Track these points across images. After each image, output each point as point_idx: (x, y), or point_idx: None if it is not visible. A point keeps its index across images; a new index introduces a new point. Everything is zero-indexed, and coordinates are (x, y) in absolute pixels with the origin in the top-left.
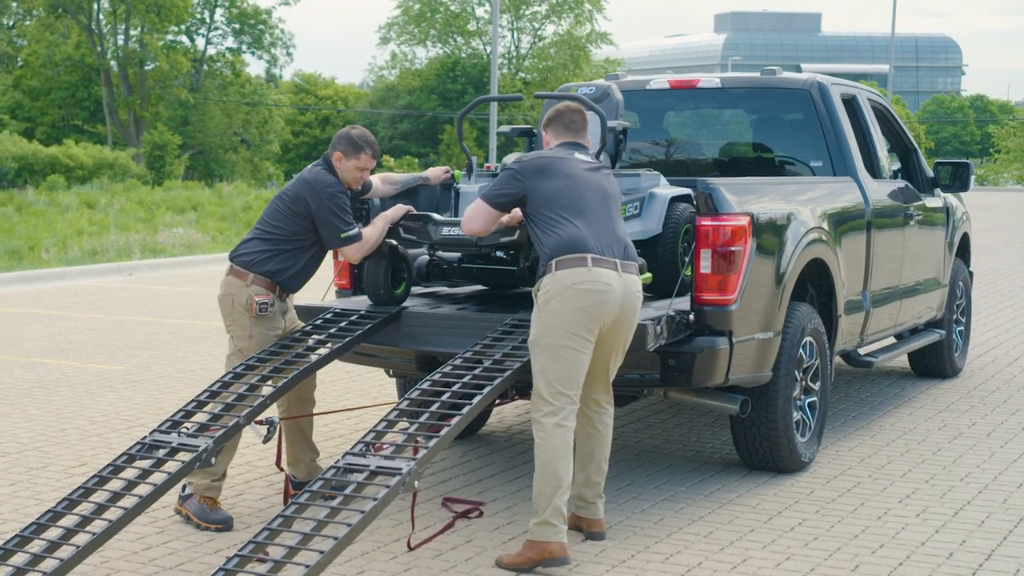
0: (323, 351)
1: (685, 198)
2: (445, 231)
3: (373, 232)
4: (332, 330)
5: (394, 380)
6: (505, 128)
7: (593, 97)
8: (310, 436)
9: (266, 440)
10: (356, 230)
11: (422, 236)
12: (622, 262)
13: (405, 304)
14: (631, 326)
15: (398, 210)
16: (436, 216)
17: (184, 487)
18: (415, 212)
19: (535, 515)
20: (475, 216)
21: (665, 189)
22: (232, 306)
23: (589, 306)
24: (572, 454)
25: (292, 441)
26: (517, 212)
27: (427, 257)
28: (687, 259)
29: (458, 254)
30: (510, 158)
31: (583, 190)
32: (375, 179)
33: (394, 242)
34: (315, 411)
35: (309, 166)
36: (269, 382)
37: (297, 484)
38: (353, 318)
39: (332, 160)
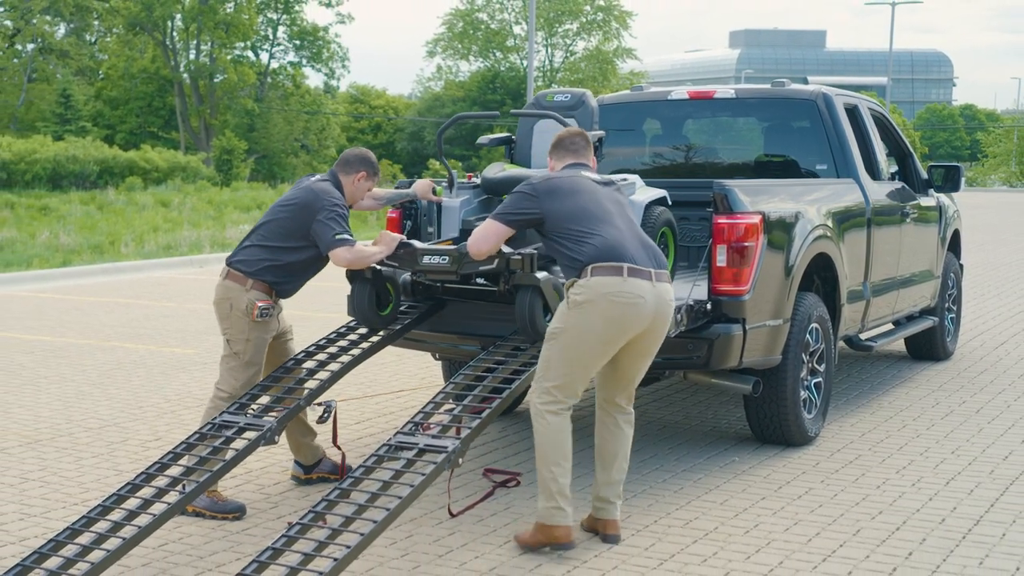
0: (375, 339)
1: (660, 201)
2: (426, 259)
3: (368, 252)
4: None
5: (439, 363)
6: (484, 140)
7: (568, 105)
8: (307, 421)
9: (321, 420)
10: (350, 236)
11: (404, 263)
12: (656, 271)
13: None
14: (661, 336)
15: (393, 242)
16: (418, 244)
17: (183, 486)
18: (405, 241)
19: (544, 500)
20: (485, 236)
21: (640, 195)
22: (231, 310)
23: (619, 317)
24: (570, 439)
25: (292, 430)
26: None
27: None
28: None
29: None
30: (492, 169)
31: (603, 202)
32: None
33: (377, 267)
34: (368, 393)
35: (314, 178)
36: (327, 367)
37: (306, 468)
38: (403, 307)
39: (348, 178)
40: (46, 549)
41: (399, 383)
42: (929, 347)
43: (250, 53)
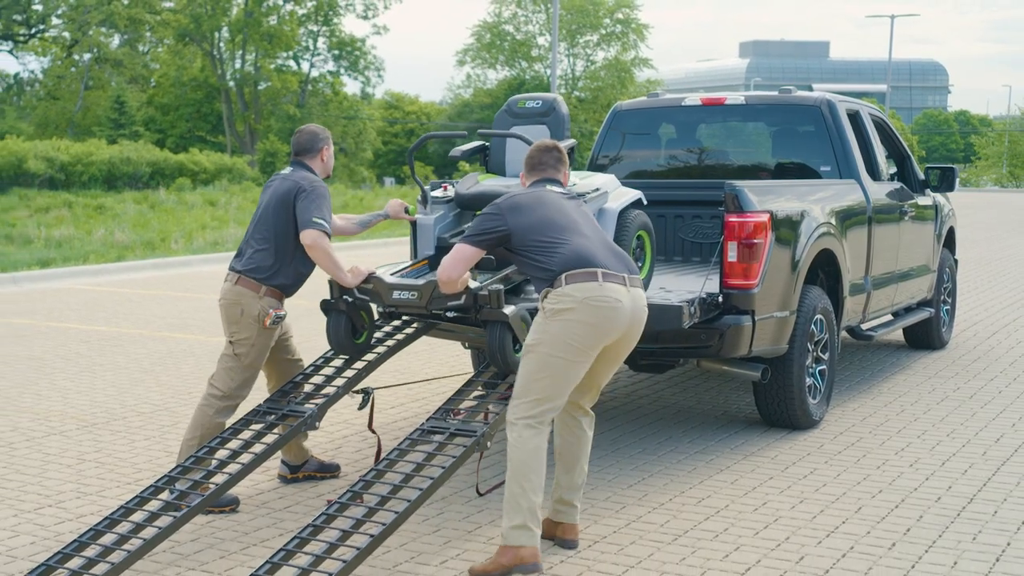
0: (410, 330)
1: (635, 204)
2: (396, 295)
3: (335, 259)
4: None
5: (469, 352)
6: (456, 152)
7: (540, 111)
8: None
9: (361, 407)
10: (326, 224)
11: (375, 298)
12: (629, 276)
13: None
14: (635, 340)
15: (362, 275)
16: (388, 279)
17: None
18: (375, 274)
19: (510, 518)
20: (455, 262)
21: (614, 202)
22: (241, 315)
23: (599, 322)
24: (545, 455)
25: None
26: (465, 278)
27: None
28: (639, 263)
29: None
30: (465, 183)
31: (568, 212)
32: (336, 218)
33: (349, 299)
34: (403, 381)
35: (285, 171)
36: (365, 356)
37: (292, 468)
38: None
39: (315, 159)
40: (101, 526)
41: (431, 371)
42: (926, 337)
43: (292, 62)
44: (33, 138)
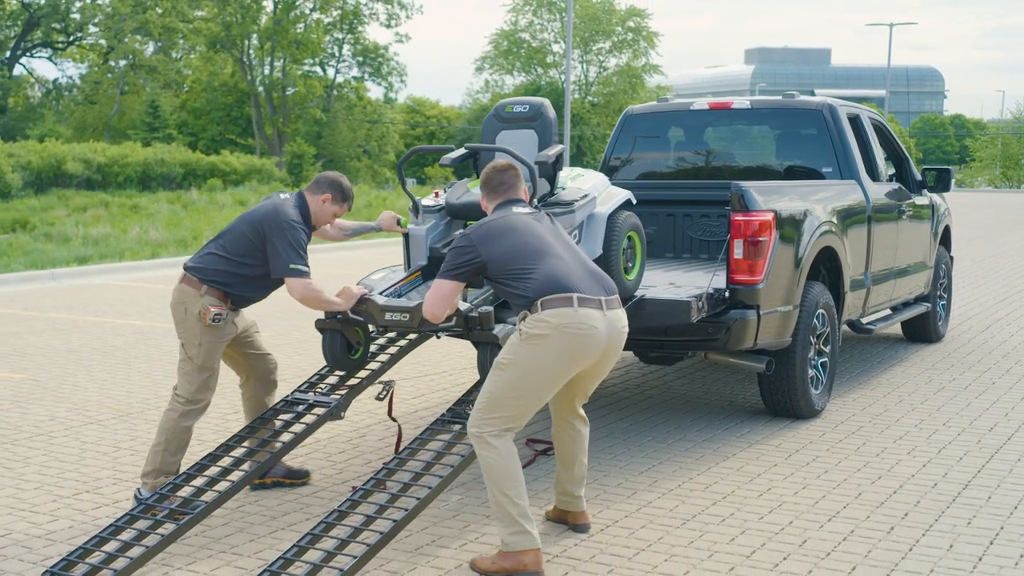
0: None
1: (625, 205)
2: (388, 316)
3: (324, 297)
4: None
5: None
6: (446, 160)
7: (527, 116)
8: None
9: (380, 397)
10: (306, 268)
11: (368, 319)
12: (606, 298)
13: None
14: (616, 358)
15: (354, 297)
16: (380, 301)
17: (139, 491)
18: (367, 296)
19: (505, 527)
20: (438, 299)
21: (603, 206)
22: (185, 314)
23: (574, 348)
24: (518, 456)
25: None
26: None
27: None
28: (630, 264)
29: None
30: (456, 191)
31: (541, 234)
32: (327, 226)
33: (340, 316)
34: (424, 373)
35: (283, 195)
36: (387, 351)
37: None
38: None
39: (314, 200)
40: (137, 511)
41: (450, 364)
42: (923, 330)
43: (318, 69)
44: (71, 141)
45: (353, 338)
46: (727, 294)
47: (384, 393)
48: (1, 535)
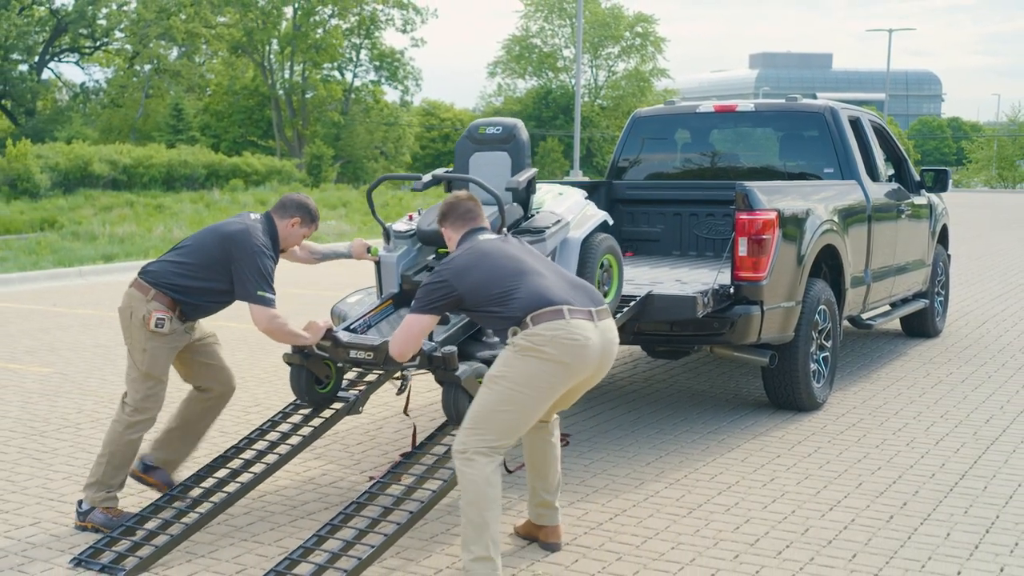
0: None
1: (600, 227)
2: (352, 354)
3: (289, 329)
4: None
5: None
6: (418, 185)
7: (500, 137)
8: (202, 435)
9: (399, 392)
10: (273, 296)
11: (333, 355)
12: (595, 309)
13: None
14: (606, 371)
15: (319, 331)
16: (344, 338)
17: (80, 503)
18: (332, 332)
19: (471, 550)
20: (407, 336)
21: (576, 230)
22: (130, 319)
23: (570, 361)
24: (501, 483)
25: (177, 435)
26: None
27: None
28: (606, 288)
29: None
30: (427, 217)
31: (513, 255)
32: (297, 248)
33: (307, 351)
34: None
35: (253, 216)
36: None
37: (145, 468)
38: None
39: (282, 222)
40: (162, 501)
41: None
42: (921, 326)
43: (337, 73)
44: (98, 143)
45: (322, 372)
46: (732, 290)
47: (402, 388)
48: (31, 524)
